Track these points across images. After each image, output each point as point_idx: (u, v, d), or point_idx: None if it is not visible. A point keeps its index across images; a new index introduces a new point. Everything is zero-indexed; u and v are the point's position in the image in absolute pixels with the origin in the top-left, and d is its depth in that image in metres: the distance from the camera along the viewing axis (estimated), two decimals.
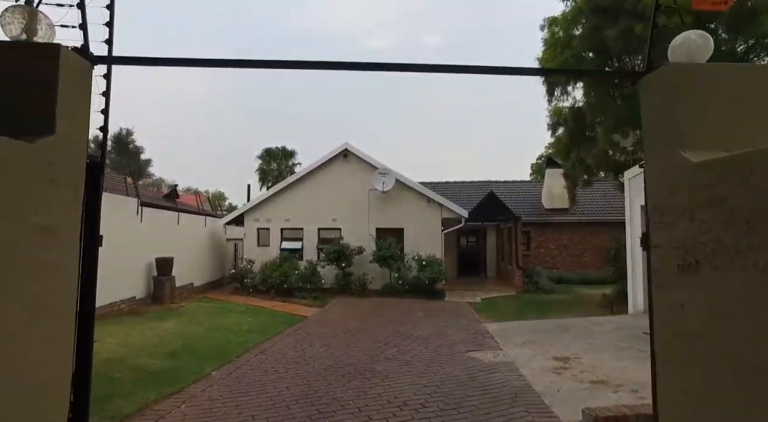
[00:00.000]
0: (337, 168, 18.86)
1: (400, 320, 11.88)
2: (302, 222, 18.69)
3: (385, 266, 16.95)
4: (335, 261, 17.07)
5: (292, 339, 9.55)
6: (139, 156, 55.72)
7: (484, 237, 23.56)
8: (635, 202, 11.40)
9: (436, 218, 18.10)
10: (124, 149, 54.42)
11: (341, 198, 18.58)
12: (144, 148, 56.07)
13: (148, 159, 57.16)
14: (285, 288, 16.31)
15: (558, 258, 22.46)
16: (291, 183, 18.92)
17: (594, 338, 8.85)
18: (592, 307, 14.00)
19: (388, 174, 17.92)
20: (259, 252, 18.45)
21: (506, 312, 13.14)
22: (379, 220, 18.34)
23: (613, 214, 22.44)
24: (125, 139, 54.28)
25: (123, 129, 53.94)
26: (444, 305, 14.63)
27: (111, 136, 54.06)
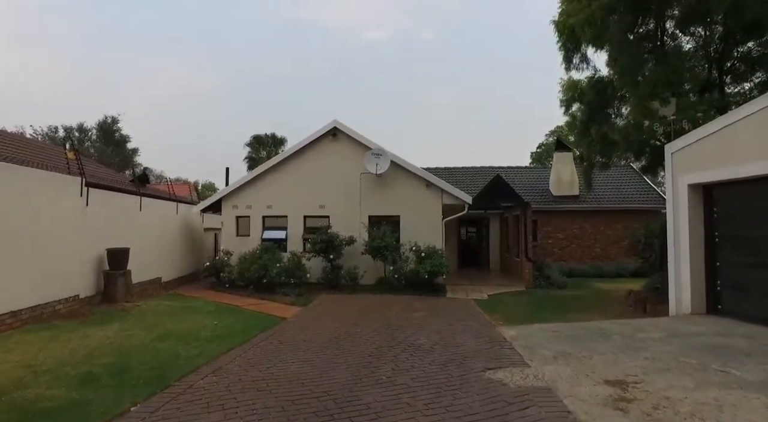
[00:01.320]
0: (325, 149, 16.71)
1: (396, 322, 9.82)
2: (286, 210, 16.57)
3: (378, 258, 14.87)
4: (322, 252, 14.98)
5: (260, 350, 7.45)
6: (126, 145, 53.27)
7: (486, 227, 21.52)
8: (681, 180, 9.35)
9: (437, 204, 16.01)
10: (109, 138, 51.96)
11: (330, 182, 16.46)
12: (131, 136, 53.45)
13: (135, 148, 54.68)
14: (265, 283, 14.20)
15: (567, 249, 20.47)
16: (274, 165, 16.75)
17: (647, 350, 6.81)
18: (618, 306, 11.99)
19: (382, 155, 15.79)
20: (238, 243, 16.33)
21: (520, 313, 11.11)
22: (373, 207, 16.24)
23: (627, 202, 20.51)
24: (110, 127, 51.79)
25: (108, 117, 51.38)
26: (447, 303, 12.58)
27: (95, 123, 51.64)
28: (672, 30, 13.61)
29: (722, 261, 8.91)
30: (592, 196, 20.84)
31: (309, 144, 16.66)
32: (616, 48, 10.96)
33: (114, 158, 49.52)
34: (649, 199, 20.51)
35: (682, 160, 9.39)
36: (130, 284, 11.29)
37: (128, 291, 11.16)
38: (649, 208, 20.10)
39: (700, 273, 9.14)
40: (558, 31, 13.63)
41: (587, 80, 14.24)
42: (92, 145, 51.53)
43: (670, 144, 9.69)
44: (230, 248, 16.21)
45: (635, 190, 21.25)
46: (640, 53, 11.45)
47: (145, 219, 13.55)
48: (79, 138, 51.12)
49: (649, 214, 20.21)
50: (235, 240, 16.55)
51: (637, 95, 10.62)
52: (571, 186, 20.74)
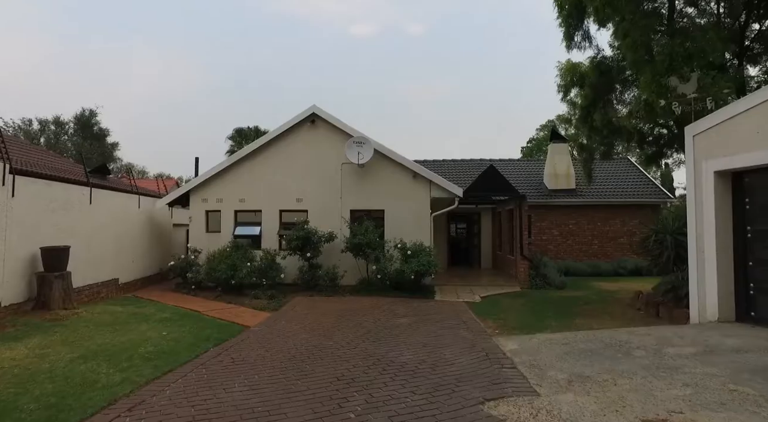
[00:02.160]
0: (303, 137, 15.18)
1: (376, 332, 8.37)
2: (260, 203, 15.04)
3: (360, 256, 13.42)
4: (298, 250, 13.49)
5: (203, 373, 5.96)
6: (105, 139, 51.07)
7: (478, 223, 20.14)
8: (705, 167, 7.99)
9: (424, 197, 14.58)
10: (87, 131, 49.74)
11: (308, 173, 14.96)
12: (110, 130, 51.19)
13: (115, 142, 52.46)
14: (233, 284, 12.67)
15: (563, 246, 19.17)
16: (247, 155, 15.19)
17: (683, 372, 5.43)
18: (626, 309, 10.66)
19: (364, 143, 14.32)
20: (208, 240, 14.79)
21: (519, 318, 9.72)
22: (355, 200, 14.77)
23: (625, 196, 19.25)
24: (88, 120, 49.58)
25: (86, 109, 49.14)
26: (435, 307, 11.16)
27: (72, 116, 49.42)
28: (681, 7, 12.32)
29: (755, 260, 7.58)
30: (589, 189, 19.56)
31: (285, 132, 15.13)
32: (627, 19, 9.58)
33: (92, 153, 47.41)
34: (649, 192, 19.29)
35: (706, 144, 8.04)
36: (69, 288, 9.70)
37: (67, 297, 9.56)
38: (648, 203, 18.87)
39: (729, 274, 7.81)
40: (558, 5, 12.25)
41: (589, 61, 12.88)
42: (69, 139, 49.35)
43: (692, 125, 8.33)
44: (199, 245, 14.66)
45: (633, 183, 20.03)
46: (652, 26, 10.10)
47: (98, 214, 11.94)
48: (55, 131, 48.98)
49: (649, 209, 19.00)
50: (204, 237, 15.00)
51: (651, 72, 9.27)
52: (567, 179, 19.44)
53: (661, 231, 10.48)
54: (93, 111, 49.71)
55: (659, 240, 10.39)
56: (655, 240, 10.46)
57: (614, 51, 12.88)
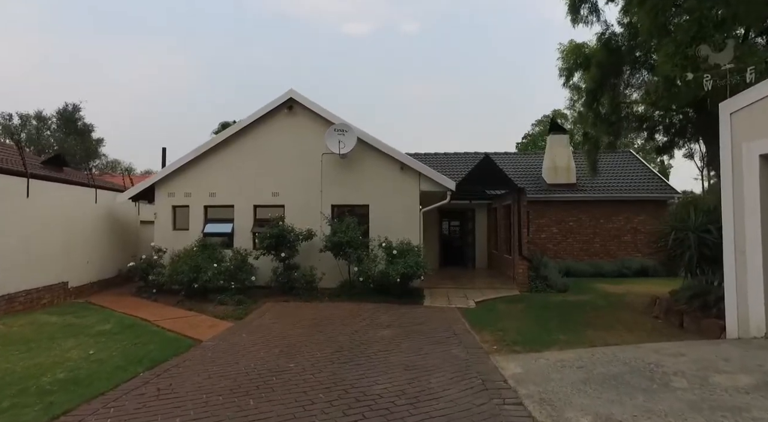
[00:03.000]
0: (279, 125, 13.66)
1: (349, 350, 6.90)
2: (233, 198, 13.51)
3: (341, 257, 11.93)
4: (272, 249, 11.99)
5: (108, 415, 4.46)
6: (90, 135, 49.18)
7: (472, 220, 18.69)
8: (747, 150, 6.57)
9: (413, 191, 13.11)
10: (70, 127, 47.88)
11: (286, 165, 13.45)
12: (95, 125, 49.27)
13: (100, 138, 50.57)
14: (197, 288, 11.15)
15: (562, 244, 17.76)
16: (219, 144, 13.65)
17: (748, 413, 3.99)
18: (641, 317, 9.23)
19: (347, 131, 12.82)
20: (174, 239, 13.23)
21: (521, 329, 8.26)
22: (337, 195, 13.28)
23: (630, 191, 17.86)
24: (72, 115, 47.71)
25: (69, 104, 47.26)
26: (424, 314, 9.70)
27: (54, 111, 47.55)
28: None
29: None
30: (590, 184, 18.17)
31: (260, 119, 13.61)
32: None
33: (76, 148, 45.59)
34: (654, 187, 17.92)
35: (747, 122, 6.61)
36: None
37: None
38: (654, 198, 17.50)
39: None
40: None
41: (597, 38, 11.45)
42: (52, 135, 47.48)
43: (728, 102, 6.91)
44: (165, 244, 13.09)
45: (637, 177, 18.65)
46: None
47: (40, 209, 10.39)
48: (37, 126, 47.11)
49: (654, 205, 17.62)
50: (171, 236, 13.45)
51: (674, 42, 7.85)
52: (567, 173, 18.04)
53: (681, 228, 9.06)
54: (76, 106, 47.80)
55: (679, 239, 8.97)
56: (674, 238, 9.03)
57: (624, 29, 11.44)
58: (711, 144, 10.59)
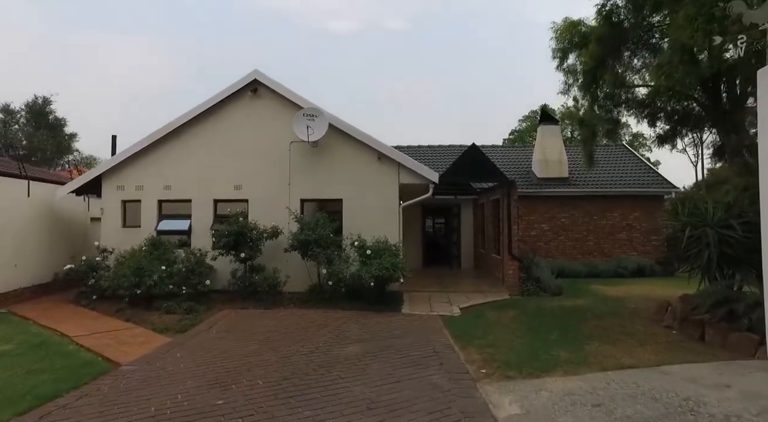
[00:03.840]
0: (243, 110, 12.15)
1: (303, 376, 5.46)
2: (191, 192, 11.97)
3: (309, 257, 10.46)
4: (232, 249, 10.49)
5: None
6: (62, 129, 46.86)
7: (457, 216, 17.33)
8: None
9: (392, 184, 11.69)
10: (40, 121, 45.54)
11: (250, 155, 11.95)
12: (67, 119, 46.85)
13: (73, 132, 48.17)
14: (140, 294, 9.60)
15: (554, 243, 16.49)
16: (174, 131, 12.08)
17: None
18: (652, 327, 7.92)
19: (317, 116, 11.35)
20: (124, 237, 11.65)
21: (514, 344, 6.88)
22: (306, 188, 11.81)
23: (625, 185, 16.66)
24: (42, 108, 45.36)
25: (38, 97, 44.88)
26: (401, 325, 8.28)
27: (23, 104, 45.14)
28: None
29: None
30: (583, 178, 16.93)
31: (222, 103, 12.07)
32: None
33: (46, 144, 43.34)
34: (650, 182, 16.74)
35: None
36: None
37: None
38: (651, 193, 16.31)
39: None
40: None
41: (597, 11, 10.10)
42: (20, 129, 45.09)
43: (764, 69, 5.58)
44: (113, 244, 11.49)
45: (633, 172, 17.47)
46: None
47: None
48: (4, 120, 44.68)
49: (651, 201, 16.45)
50: (120, 234, 11.87)
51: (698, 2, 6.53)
52: (559, 166, 16.78)
53: (697, 225, 7.76)
54: (47, 99, 45.42)
55: (696, 237, 7.66)
56: (689, 236, 7.73)
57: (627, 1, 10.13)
58: (724, 129, 9.36)
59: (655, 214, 16.36)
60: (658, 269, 15.33)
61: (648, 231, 16.30)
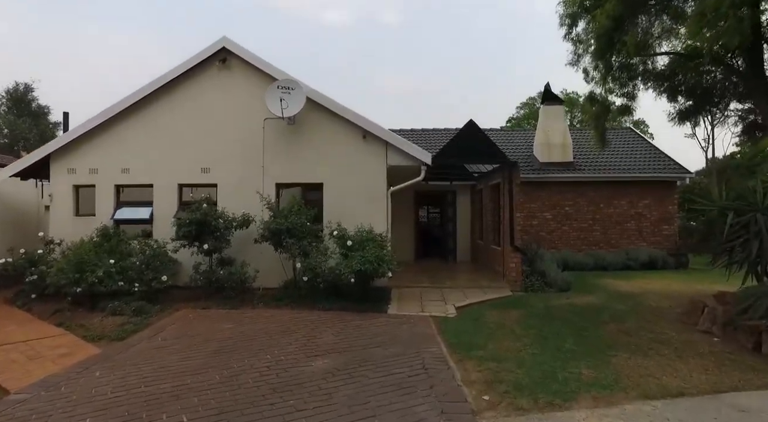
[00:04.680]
0: (210, 82, 10.67)
1: (249, 407, 4.07)
2: (152, 175, 10.52)
3: (284, 249, 9.05)
4: (195, 240, 9.07)
5: None
6: (46, 117, 45.03)
7: (452, 204, 15.91)
8: None
9: (379, 166, 10.28)
10: (23, 108, 43.69)
11: (219, 134, 10.51)
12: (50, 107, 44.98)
13: (57, 122, 46.31)
14: (80, 293, 8.16)
15: (557, 232, 15.11)
16: (133, 105, 10.59)
17: None
18: (685, 332, 6.57)
19: (293, 89, 9.89)
20: (76, 227, 10.22)
21: (522, 359, 5.49)
22: (282, 171, 10.39)
23: (634, 170, 15.28)
24: (23, 95, 43.50)
25: (19, 83, 42.98)
26: (384, 329, 6.89)
27: (3, 91, 43.25)
28: None
29: None
30: (589, 163, 15.54)
31: (187, 75, 10.59)
32: None
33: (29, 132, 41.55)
34: (661, 167, 15.36)
35: None
36: None
37: None
38: (662, 179, 14.93)
39: None
40: None
41: None
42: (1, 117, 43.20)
43: None
44: (64, 235, 10.06)
45: (642, 156, 16.08)
46: None
47: None
48: None
49: (662, 187, 15.08)
50: (72, 224, 10.43)
51: None
52: (563, 150, 15.38)
53: (743, 210, 6.38)
54: (28, 85, 43.51)
55: (742, 224, 6.28)
56: (734, 224, 6.34)
57: None
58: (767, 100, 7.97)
59: (667, 202, 15.03)
60: (671, 261, 14.01)
61: (659, 220, 14.94)
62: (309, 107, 10.13)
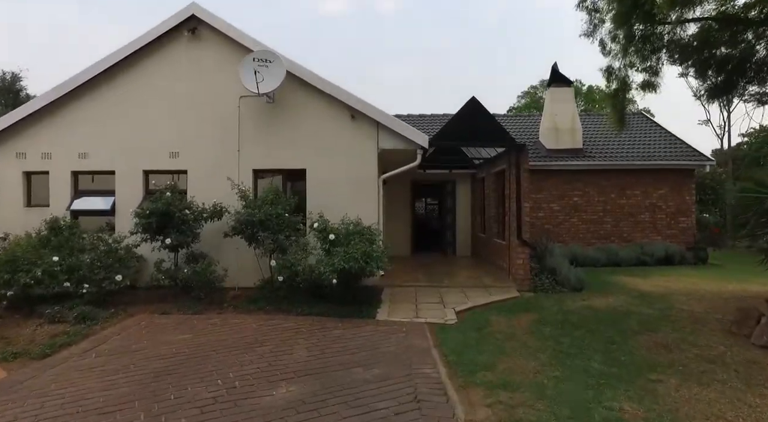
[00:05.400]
0: (179, 55, 9.38)
1: None
2: (114, 161, 9.27)
3: (258, 243, 7.81)
4: (158, 233, 7.84)
5: None
6: None
7: (452, 194, 14.63)
8: None
9: (369, 150, 9.02)
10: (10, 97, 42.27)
11: (189, 114, 9.25)
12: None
13: None
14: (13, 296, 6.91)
15: (565, 225, 13.88)
16: (91, 81, 9.30)
17: None
18: (738, 345, 5.35)
19: (271, 62, 8.61)
20: (27, 219, 8.95)
21: (542, 386, 4.26)
22: (260, 155, 9.14)
23: (649, 158, 14.03)
24: (11, 85, 42.05)
25: (7, 73, 41.47)
26: (370, 341, 5.65)
27: None
28: None
29: None
30: (601, 149, 14.28)
31: (152, 47, 9.30)
32: None
33: None
34: (678, 154, 14.11)
35: None
36: None
37: None
38: (679, 167, 13.67)
39: None
40: None
41: None
42: None
43: None
44: (13, 228, 8.77)
45: (657, 143, 14.83)
46: None
47: None
48: None
49: (679, 176, 13.84)
50: (23, 215, 9.22)
51: None
52: (571, 135, 14.11)
53: None
54: (16, 74, 41.98)
55: None
56: None
57: None
58: None
59: (684, 192, 13.78)
60: (689, 256, 12.79)
61: (675, 211, 13.70)
62: (290, 84, 8.87)
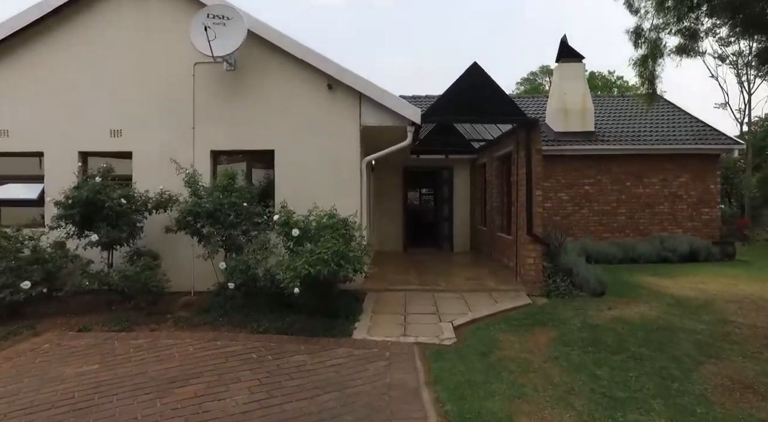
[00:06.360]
0: (121, 11, 7.73)
1: None
2: (43, 141, 7.66)
3: (208, 241, 6.23)
4: (84, 226, 6.27)
5: None
6: None
7: (449, 182, 13.04)
8: None
9: (350, 127, 7.44)
10: None
11: (134, 84, 7.64)
12: None
13: None
14: None
15: (575, 217, 12.35)
16: (5, 39, 7.66)
17: None
18: None
19: (230, 19, 7.01)
20: None
21: None
22: (219, 134, 7.56)
23: (669, 141, 12.50)
24: None
25: None
26: (337, 378, 4.10)
27: None
28: None
29: None
30: (614, 132, 12.73)
31: (87, 2, 7.65)
32: None
33: None
34: (701, 137, 12.58)
35: None
36: None
37: None
38: (703, 152, 12.14)
39: None
40: None
41: None
42: None
43: None
44: None
45: (676, 125, 13.30)
46: None
47: None
48: None
49: (701, 162, 12.32)
50: None
51: None
52: (582, 116, 12.54)
53: None
54: None
55: None
56: None
57: None
58: None
59: (708, 180, 12.27)
60: (716, 252, 11.30)
61: (698, 202, 12.20)
62: (255, 47, 7.31)
